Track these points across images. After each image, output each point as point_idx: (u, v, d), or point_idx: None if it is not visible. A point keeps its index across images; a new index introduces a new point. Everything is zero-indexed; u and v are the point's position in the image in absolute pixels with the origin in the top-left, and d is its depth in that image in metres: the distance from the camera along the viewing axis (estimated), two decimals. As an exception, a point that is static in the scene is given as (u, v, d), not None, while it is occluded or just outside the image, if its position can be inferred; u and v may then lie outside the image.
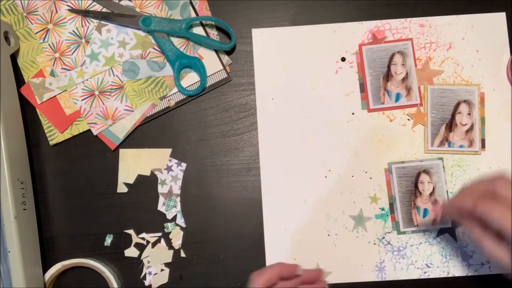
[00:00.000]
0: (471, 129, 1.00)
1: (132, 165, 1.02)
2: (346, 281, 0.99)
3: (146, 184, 1.02)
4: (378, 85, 1.01)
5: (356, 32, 1.03)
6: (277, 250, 0.99)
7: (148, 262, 1.00)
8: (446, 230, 0.99)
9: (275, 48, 1.04)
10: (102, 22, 1.03)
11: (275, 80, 1.03)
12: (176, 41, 1.03)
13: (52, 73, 1.02)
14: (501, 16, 1.03)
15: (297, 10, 1.04)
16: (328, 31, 1.04)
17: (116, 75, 1.02)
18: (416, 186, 0.99)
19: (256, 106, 1.02)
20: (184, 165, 1.02)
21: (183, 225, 1.01)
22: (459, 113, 1.00)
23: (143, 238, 1.01)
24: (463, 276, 0.99)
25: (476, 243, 0.81)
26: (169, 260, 1.00)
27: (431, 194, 0.99)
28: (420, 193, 0.99)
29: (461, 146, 1.00)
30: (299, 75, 1.03)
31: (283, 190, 1.01)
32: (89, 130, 1.02)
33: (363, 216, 1.00)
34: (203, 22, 1.04)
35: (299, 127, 1.02)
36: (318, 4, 1.04)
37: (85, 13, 1.03)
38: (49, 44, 1.02)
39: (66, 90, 1.02)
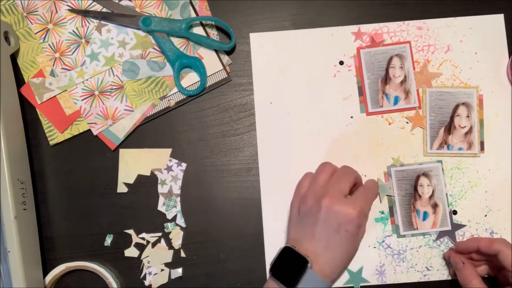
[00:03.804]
0: (470, 131, 1.00)
1: (132, 165, 1.02)
2: (347, 285, 1.00)
3: (146, 184, 1.02)
4: (377, 89, 1.02)
5: (354, 35, 1.04)
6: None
7: (148, 262, 1.01)
8: (446, 233, 1.00)
9: (273, 52, 1.04)
10: (102, 22, 1.03)
11: (274, 84, 1.03)
12: (176, 41, 1.03)
13: (52, 73, 1.02)
14: (499, 18, 1.04)
15: (297, 10, 1.05)
16: (326, 35, 1.04)
17: (116, 75, 1.02)
18: (415, 189, 1.00)
19: (255, 111, 1.03)
20: (184, 165, 1.02)
21: (183, 225, 1.01)
22: (458, 115, 1.01)
23: (143, 238, 1.01)
24: (463, 279, 1.00)
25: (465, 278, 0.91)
26: (169, 260, 1.01)
27: (431, 197, 0.99)
28: (420, 196, 1.00)
29: (460, 149, 1.00)
30: (297, 79, 1.03)
31: (282, 193, 1.01)
32: (89, 130, 1.02)
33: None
34: (203, 22, 1.04)
35: (298, 131, 1.02)
36: (318, 4, 1.04)
37: (85, 13, 1.02)
38: (49, 44, 1.02)
39: (66, 90, 1.02)
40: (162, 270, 1.01)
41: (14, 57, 1.01)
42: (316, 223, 0.89)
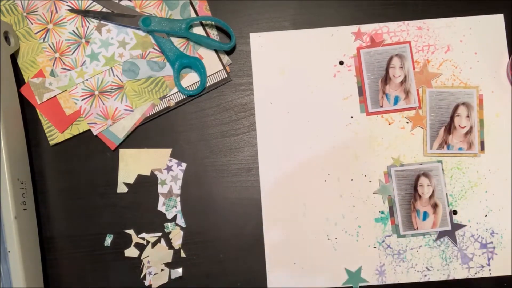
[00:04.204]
0: (470, 131, 1.00)
1: (132, 165, 1.02)
2: (347, 285, 1.00)
3: (146, 184, 1.02)
4: (377, 89, 1.02)
5: (354, 35, 1.04)
6: (277, 254, 1.00)
7: (148, 262, 1.01)
8: (446, 233, 1.00)
9: (273, 52, 1.04)
10: (102, 22, 1.03)
11: (274, 84, 1.03)
12: (176, 41, 1.03)
13: (52, 73, 1.02)
14: (499, 18, 1.04)
15: (297, 10, 1.05)
16: (326, 35, 1.04)
17: (116, 75, 1.02)
18: (415, 189, 1.00)
19: (255, 111, 1.03)
20: (184, 165, 1.02)
21: (183, 225, 1.01)
22: (458, 115, 1.01)
23: (143, 238, 1.01)
24: (463, 279, 0.99)
25: None
26: (169, 260, 1.01)
27: (431, 197, 1.00)
28: (420, 196, 1.00)
29: (460, 149, 1.00)
30: (297, 79, 1.03)
31: (283, 194, 1.01)
32: (89, 130, 1.02)
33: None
34: (203, 22, 1.04)
35: (298, 131, 1.02)
36: (318, 4, 1.04)
37: (85, 13, 1.03)
38: (49, 44, 1.02)
39: (66, 90, 1.02)
40: (162, 270, 1.01)
41: (14, 57, 1.01)
42: None
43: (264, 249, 1.00)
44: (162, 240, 1.01)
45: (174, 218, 1.01)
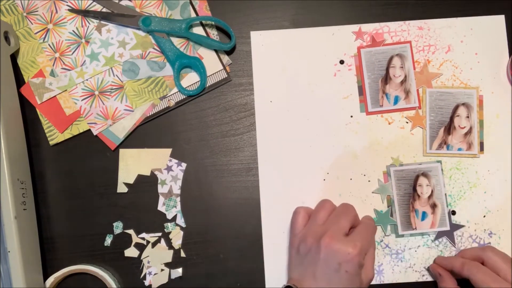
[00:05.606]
0: (469, 132, 1.00)
1: (132, 165, 1.02)
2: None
3: (146, 184, 1.02)
4: (377, 88, 1.02)
5: (354, 34, 1.03)
6: (276, 254, 1.00)
7: (148, 262, 1.01)
8: (444, 233, 1.00)
9: (274, 51, 1.04)
10: (102, 22, 1.03)
11: (274, 83, 1.03)
12: (176, 41, 1.03)
13: (52, 73, 1.02)
14: (500, 19, 1.03)
15: (297, 10, 1.04)
16: (326, 34, 1.04)
17: (116, 75, 1.02)
18: (414, 189, 1.00)
19: (255, 111, 1.03)
20: (184, 165, 1.02)
21: (183, 225, 1.01)
22: (458, 116, 1.01)
23: (143, 238, 1.01)
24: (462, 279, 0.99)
25: None
26: (169, 260, 1.01)
27: (430, 197, 0.99)
28: (419, 196, 0.99)
29: (459, 149, 1.00)
30: (298, 78, 1.03)
31: (282, 193, 1.01)
32: (89, 130, 1.02)
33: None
34: (203, 22, 1.04)
35: (297, 130, 1.02)
36: (318, 3, 1.04)
37: (85, 13, 1.03)
38: (49, 44, 1.02)
39: (66, 90, 1.02)
40: (162, 270, 1.01)
41: (14, 57, 1.01)
42: (317, 263, 0.87)
43: (264, 249, 1.00)
44: (162, 240, 1.01)
45: (174, 218, 1.01)
